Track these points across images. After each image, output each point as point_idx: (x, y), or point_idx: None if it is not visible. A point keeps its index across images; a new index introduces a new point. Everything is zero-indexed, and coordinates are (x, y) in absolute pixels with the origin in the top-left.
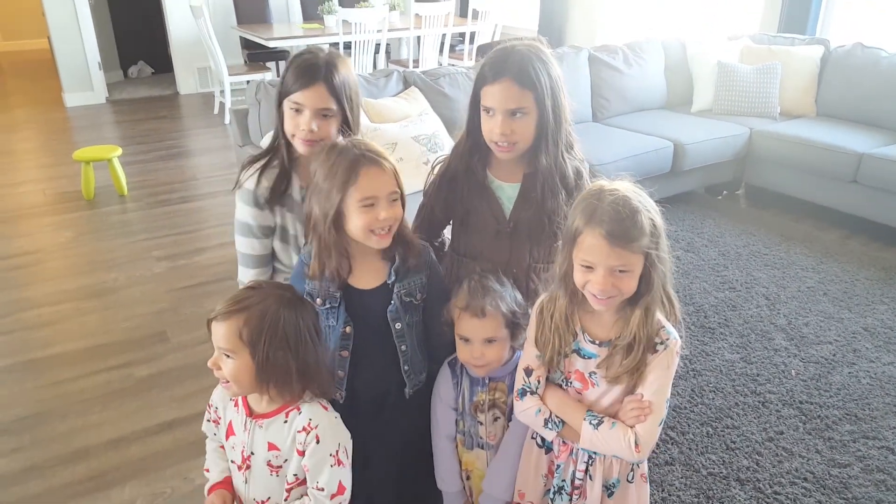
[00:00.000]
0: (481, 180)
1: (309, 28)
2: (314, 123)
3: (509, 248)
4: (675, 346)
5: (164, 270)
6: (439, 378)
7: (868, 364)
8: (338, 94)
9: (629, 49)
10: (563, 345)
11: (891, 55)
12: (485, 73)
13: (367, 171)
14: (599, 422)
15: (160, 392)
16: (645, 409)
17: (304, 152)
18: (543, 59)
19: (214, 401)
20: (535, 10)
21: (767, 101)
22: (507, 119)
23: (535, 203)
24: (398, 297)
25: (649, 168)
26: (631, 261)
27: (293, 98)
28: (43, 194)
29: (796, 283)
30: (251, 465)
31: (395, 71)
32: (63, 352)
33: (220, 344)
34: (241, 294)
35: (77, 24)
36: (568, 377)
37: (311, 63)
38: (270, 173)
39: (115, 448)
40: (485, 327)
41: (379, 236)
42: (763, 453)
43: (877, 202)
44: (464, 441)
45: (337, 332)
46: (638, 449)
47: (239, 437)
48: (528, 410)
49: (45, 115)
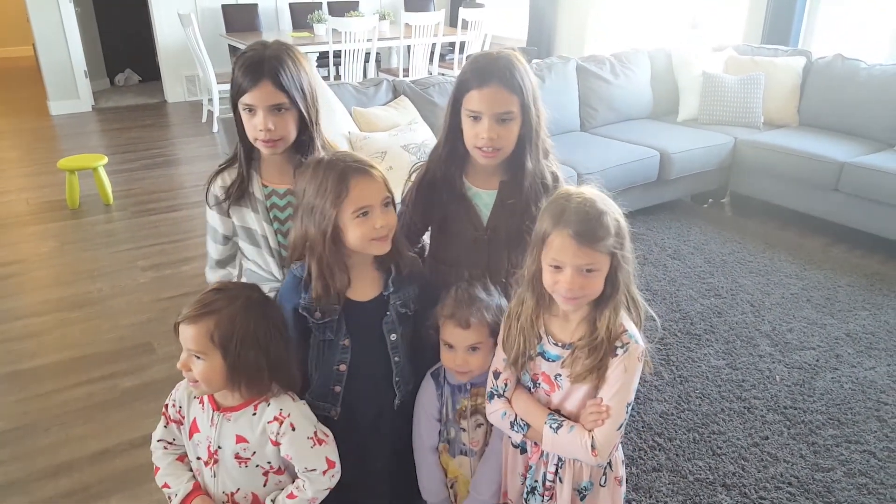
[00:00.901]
0: (458, 187)
1: (298, 37)
2: (269, 122)
3: (487, 255)
4: (636, 350)
5: (150, 280)
6: (422, 391)
7: (850, 369)
8: (286, 87)
9: (616, 59)
10: (528, 347)
11: (870, 66)
12: (469, 78)
13: (357, 181)
14: (559, 425)
15: (145, 404)
16: (603, 413)
17: (267, 153)
18: (524, 67)
19: (177, 399)
20: (524, 21)
21: (751, 110)
22: (494, 124)
23: (514, 209)
24: (394, 308)
25: (636, 177)
26: (598, 260)
27: (244, 100)
28: (27, 203)
29: (780, 290)
30: (219, 459)
31: (384, 80)
32: (47, 363)
33: (189, 346)
34: (209, 297)
35: (63, 31)
36: (535, 379)
37: (254, 60)
38: (230, 174)
39: (99, 461)
40: (469, 336)
41: (380, 240)
42: (748, 458)
43: (858, 210)
44: (448, 449)
45: (336, 346)
46: (595, 452)
47: (204, 432)
48: (495, 413)
49: (30, 123)
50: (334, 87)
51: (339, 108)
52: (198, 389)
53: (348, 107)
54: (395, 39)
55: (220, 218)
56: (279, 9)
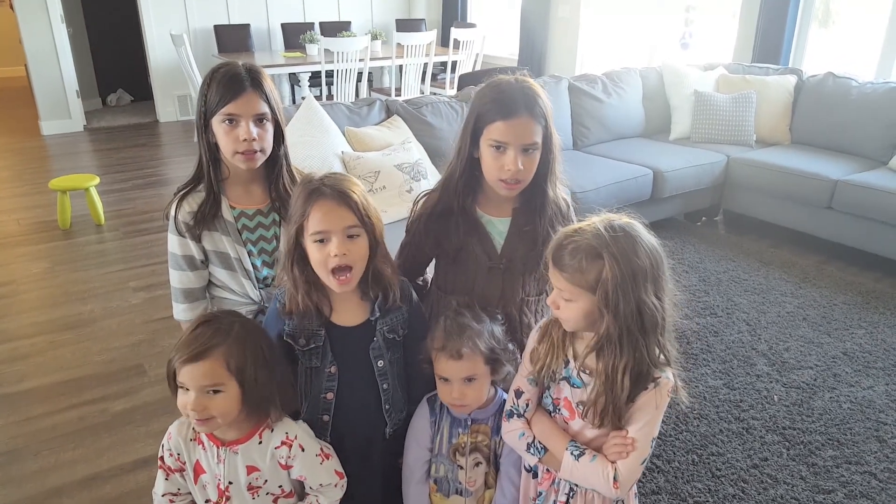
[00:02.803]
0: (473, 216)
1: (291, 56)
2: (254, 130)
3: (501, 284)
4: (666, 385)
5: (141, 301)
6: (416, 416)
7: (848, 389)
8: (268, 98)
9: (608, 78)
10: (555, 364)
11: (861, 84)
12: (491, 108)
13: (319, 205)
14: (581, 453)
15: (136, 427)
16: (628, 445)
17: (245, 166)
18: (544, 93)
19: (172, 447)
20: (515, 41)
21: (743, 129)
22: (520, 155)
23: (529, 237)
24: (381, 333)
25: (630, 195)
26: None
27: (227, 110)
28: (18, 224)
29: (776, 309)
30: (230, 496)
31: (377, 100)
32: (36, 386)
33: (203, 383)
34: (204, 331)
35: (55, 51)
36: (556, 404)
37: (234, 73)
38: (194, 198)
39: (88, 487)
40: (462, 368)
41: (338, 280)
42: (748, 480)
43: (852, 228)
44: (438, 487)
45: (321, 374)
46: (616, 485)
47: (211, 472)
48: (512, 432)
49: (21, 143)
50: (327, 107)
51: (332, 127)
52: (209, 426)
53: (341, 126)
54: (387, 59)
55: (193, 244)
56: (271, 29)
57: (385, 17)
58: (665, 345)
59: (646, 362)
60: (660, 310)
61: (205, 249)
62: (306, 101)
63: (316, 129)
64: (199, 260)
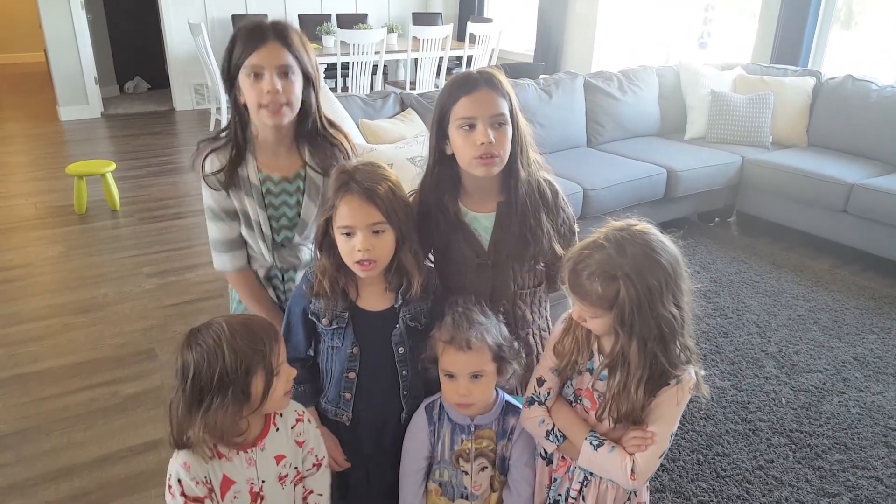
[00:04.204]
0: (454, 214)
1: None
2: (278, 82)
3: (492, 279)
4: (688, 382)
5: (154, 287)
6: (414, 426)
7: (857, 393)
8: (294, 50)
9: (624, 76)
10: (580, 357)
11: (881, 87)
12: (453, 91)
13: (347, 200)
14: (600, 443)
15: (146, 411)
16: (647, 438)
17: (271, 122)
18: (501, 76)
19: (197, 474)
20: (531, 36)
21: (760, 130)
22: (489, 129)
23: (514, 230)
24: (403, 321)
25: (643, 194)
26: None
27: (250, 61)
28: (34, 208)
29: (787, 311)
30: (264, 495)
31: (391, 92)
32: (50, 368)
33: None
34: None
35: (74, 38)
36: (578, 394)
37: (257, 24)
38: (223, 154)
39: (99, 467)
40: (470, 361)
41: (361, 266)
42: (753, 482)
43: (867, 232)
44: (443, 491)
45: (342, 354)
46: (634, 477)
47: (242, 478)
48: (532, 419)
49: (40, 128)
50: (342, 98)
51: (346, 119)
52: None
53: (355, 119)
54: (402, 52)
55: (218, 195)
56: (288, 20)
57: (401, 10)
58: (686, 343)
59: (663, 367)
60: (678, 316)
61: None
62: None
63: (319, 84)
64: (223, 211)
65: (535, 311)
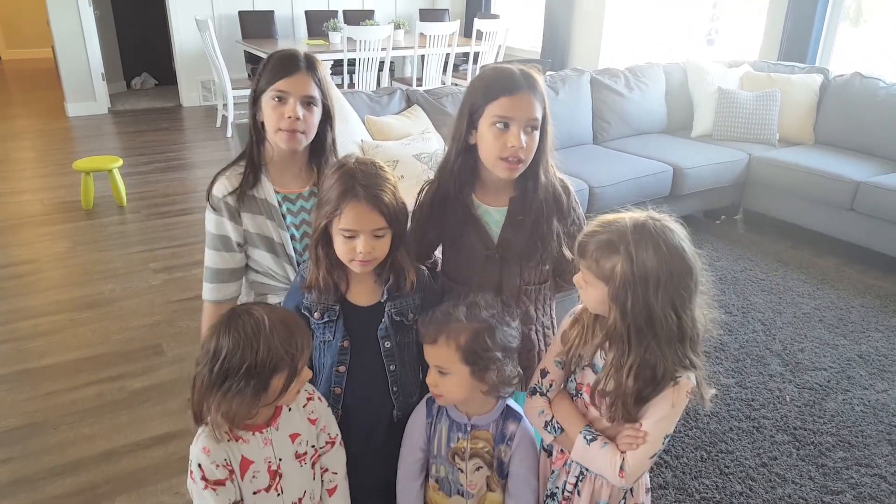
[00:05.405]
0: (468, 205)
1: (314, 45)
2: (300, 110)
3: (499, 273)
4: (685, 386)
5: (161, 283)
6: (413, 417)
7: (862, 391)
8: (321, 84)
9: (631, 73)
10: (584, 347)
11: (889, 85)
12: (493, 86)
13: (352, 206)
14: (594, 438)
15: (153, 406)
16: (639, 437)
17: (286, 146)
18: (539, 77)
19: (216, 458)
20: (538, 33)
21: (767, 127)
22: (522, 132)
23: (525, 226)
24: (389, 315)
25: (649, 191)
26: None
27: (277, 87)
28: (42, 204)
29: (792, 309)
30: (282, 473)
31: (398, 89)
32: (57, 363)
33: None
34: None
35: (82, 34)
36: (579, 389)
37: (291, 54)
38: (234, 176)
39: (106, 461)
40: (432, 354)
41: (359, 262)
42: (756, 479)
43: (873, 230)
44: (440, 487)
45: (333, 348)
46: (622, 474)
47: (260, 457)
48: (533, 409)
49: (47, 124)
50: (348, 95)
51: (352, 116)
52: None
53: (361, 115)
54: (409, 49)
55: (230, 225)
56: (295, 16)
57: (408, 6)
58: (688, 354)
59: (658, 367)
60: (673, 320)
61: (246, 232)
62: None
63: (336, 116)
64: (236, 242)
65: (540, 308)
